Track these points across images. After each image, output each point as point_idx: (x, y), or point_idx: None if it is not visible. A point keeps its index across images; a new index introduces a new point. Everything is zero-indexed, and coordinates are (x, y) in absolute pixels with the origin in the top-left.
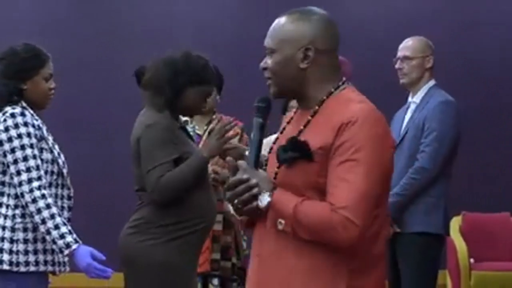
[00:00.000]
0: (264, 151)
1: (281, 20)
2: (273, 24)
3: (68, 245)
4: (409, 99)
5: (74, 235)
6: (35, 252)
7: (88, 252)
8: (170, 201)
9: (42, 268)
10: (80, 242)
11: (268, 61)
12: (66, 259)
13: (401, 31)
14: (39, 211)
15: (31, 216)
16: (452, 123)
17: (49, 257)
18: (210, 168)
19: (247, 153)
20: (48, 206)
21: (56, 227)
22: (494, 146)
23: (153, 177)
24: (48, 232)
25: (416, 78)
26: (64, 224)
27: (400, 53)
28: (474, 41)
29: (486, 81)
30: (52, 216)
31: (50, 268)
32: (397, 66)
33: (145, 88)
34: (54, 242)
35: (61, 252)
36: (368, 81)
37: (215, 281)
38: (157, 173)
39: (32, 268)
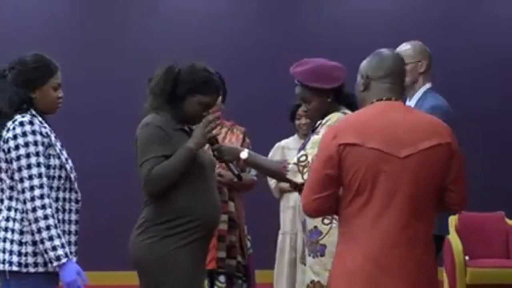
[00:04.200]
0: (274, 154)
1: None
2: None
3: (58, 258)
4: (407, 102)
5: (66, 249)
6: (43, 253)
7: (76, 270)
8: (161, 194)
9: (51, 268)
10: (71, 257)
11: None
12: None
13: (400, 33)
14: (36, 220)
15: (29, 223)
16: None
17: None
18: (216, 170)
19: (245, 153)
20: (45, 217)
21: (50, 238)
22: (490, 149)
23: (145, 170)
24: (41, 241)
25: (410, 83)
26: (59, 236)
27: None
28: (475, 42)
29: (485, 83)
30: (48, 227)
31: (57, 269)
32: None
33: (150, 93)
34: (45, 252)
35: (50, 262)
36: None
37: (222, 278)
38: (148, 165)
39: (40, 269)
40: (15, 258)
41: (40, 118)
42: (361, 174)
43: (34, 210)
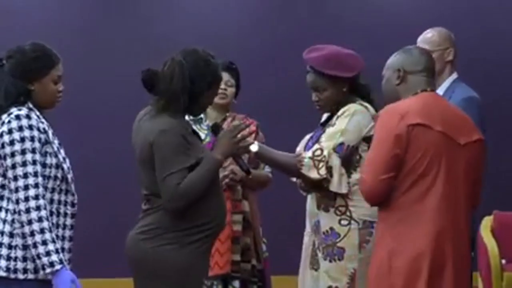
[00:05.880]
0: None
1: None
2: None
3: (51, 264)
4: None
5: (61, 255)
6: (34, 259)
7: (70, 278)
8: (186, 208)
9: (41, 276)
10: (65, 264)
11: None
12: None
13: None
14: (30, 222)
15: (22, 225)
16: (475, 121)
17: None
18: (228, 168)
19: (255, 146)
20: (40, 219)
21: (44, 242)
22: None
23: (171, 185)
24: (34, 245)
25: (437, 72)
26: (53, 241)
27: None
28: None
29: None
30: (42, 231)
31: (50, 276)
32: None
33: (162, 95)
34: (38, 257)
35: (43, 269)
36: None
37: (236, 283)
38: (175, 180)
39: (30, 276)
40: (3, 263)
41: (37, 113)
42: (428, 157)
43: (27, 211)
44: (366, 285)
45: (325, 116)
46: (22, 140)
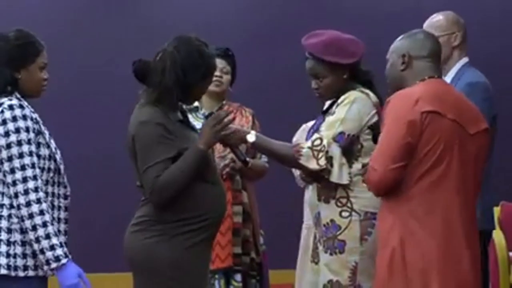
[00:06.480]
0: (301, 137)
1: None
2: None
3: (57, 258)
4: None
5: (65, 249)
6: (34, 255)
7: (77, 271)
8: (170, 202)
9: (41, 272)
10: (70, 257)
11: None
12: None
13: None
14: (31, 215)
15: (22, 220)
16: (481, 106)
17: None
18: (228, 156)
19: (252, 135)
20: (41, 212)
21: (47, 236)
22: None
23: (150, 178)
24: (37, 240)
25: (444, 57)
26: (56, 234)
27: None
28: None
29: None
30: (44, 224)
31: (49, 272)
32: None
33: (155, 88)
34: (42, 252)
35: (48, 264)
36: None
37: (238, 277)
38: (153, 172)
39: (30, 273)
40: (3, 260)
41: (26, 103)
42: (441, 145)
43: (28, 204)
44: (369, 277)
45: (327, 103)
46: (17, 131)
